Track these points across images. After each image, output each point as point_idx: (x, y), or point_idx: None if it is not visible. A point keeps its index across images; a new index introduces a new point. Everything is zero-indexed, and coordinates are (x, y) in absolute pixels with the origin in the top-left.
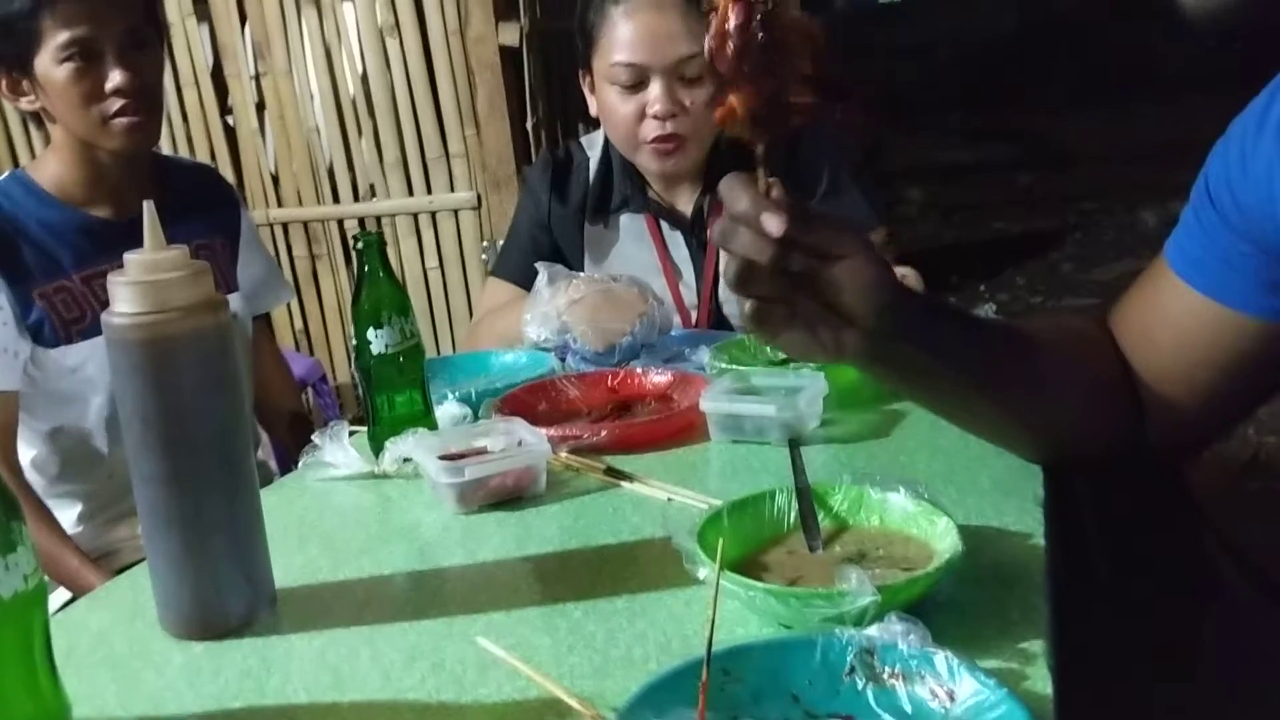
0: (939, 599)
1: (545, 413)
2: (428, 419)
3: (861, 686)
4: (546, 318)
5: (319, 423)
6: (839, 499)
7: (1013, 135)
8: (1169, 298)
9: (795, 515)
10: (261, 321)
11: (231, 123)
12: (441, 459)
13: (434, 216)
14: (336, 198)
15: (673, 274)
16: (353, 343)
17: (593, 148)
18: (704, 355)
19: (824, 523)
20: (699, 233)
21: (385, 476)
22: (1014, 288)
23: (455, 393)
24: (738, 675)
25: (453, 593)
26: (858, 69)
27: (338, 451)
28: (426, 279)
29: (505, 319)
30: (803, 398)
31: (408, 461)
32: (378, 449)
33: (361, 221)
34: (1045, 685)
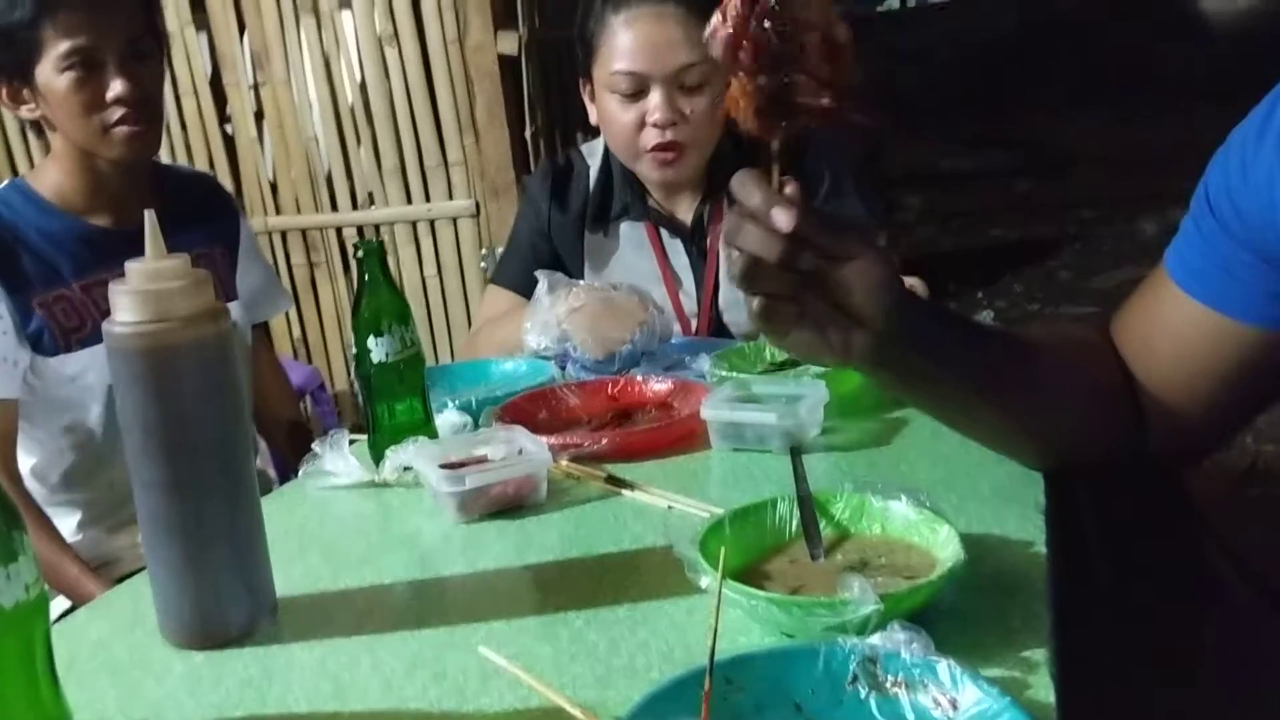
0: (941, 607)
1: (545, 421)
2: (428, 427)
3: (864, 695)
4: (546, 326)
5: (318, 431)
6: (840, 507)
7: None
8: (1169, 307)
9: (797, 524)
10: (260, 330)
11: (230, 132)
12: (442, 468)
13: (432, 225)
14: (335, 206)
15: (672, 282)
16: (352, 351)
17: (593, 156)
18: (704, 363)
19: (825, 531)
20: (699, 241)
21: (385, 485)
22: (1012, 295)
23: (455, 401)
24: (740, 684)
25: (454, 602)
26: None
27: (338, 460)
28: (425, 287)
29: (505, 327)
30: (803, 405)
31: (408, 470)
32: (378, 457)
33: (360, 230)
34: (1048, 694)
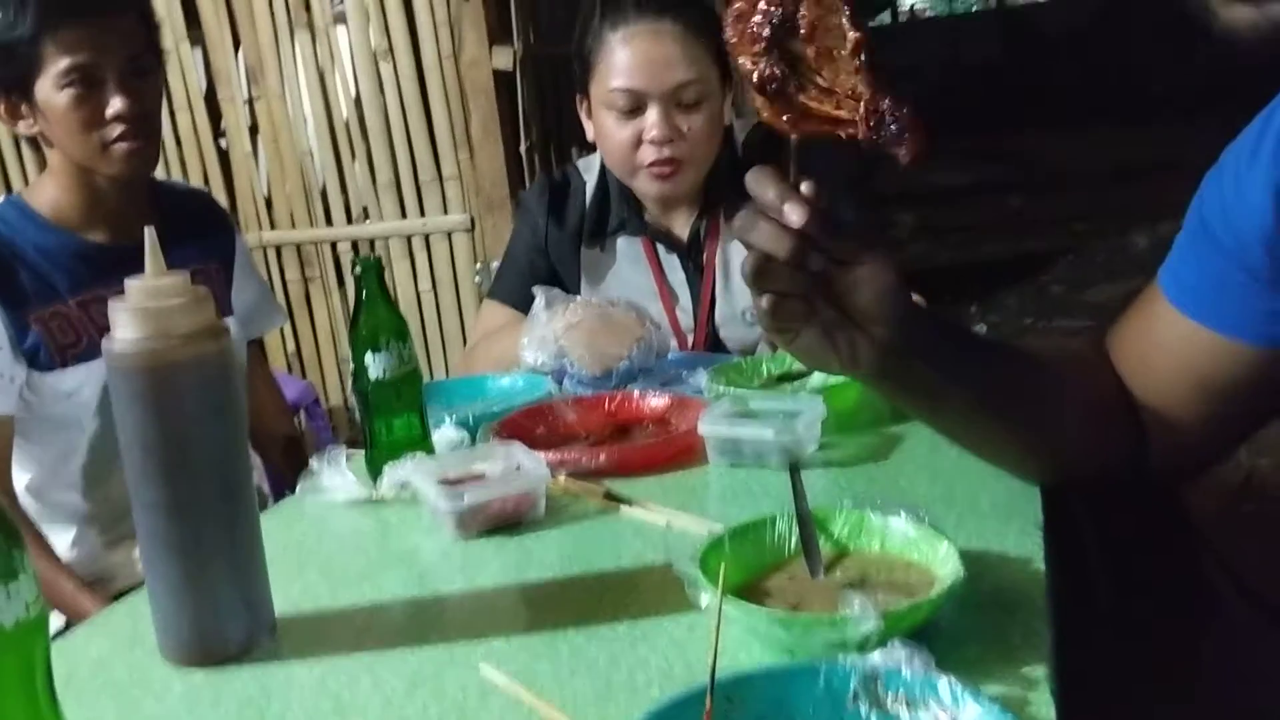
0: (941, 624)
1: (543, 436)
2: (425, 443)
3: (866, 713)
4: (544, 341)
5: (312, 446)
6: (839, 524)
7: (1003, 157)
8: (1164, 324)
9: (796, 540)
10: (255, 346)
11: (225, 146)
12: (440, 484)
13: (427, 239)
14: (329, 220)
15: (669, 297)
16: (349, 367)
17: (589, 171)
18: (701, 378)
19: (825, 548)
20: (695, 256)
21: (383, 502)
22: (1005, 309)
23: (453, 417)
24: (741, 702)
25: (453, 619)
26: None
27: (335, 476)
28: (419, 302)
29: (502, 342)
30: (801, 421)
31: (406, 487)
32: (375, 474)
33: (354, 244)
34: (1048, 710)
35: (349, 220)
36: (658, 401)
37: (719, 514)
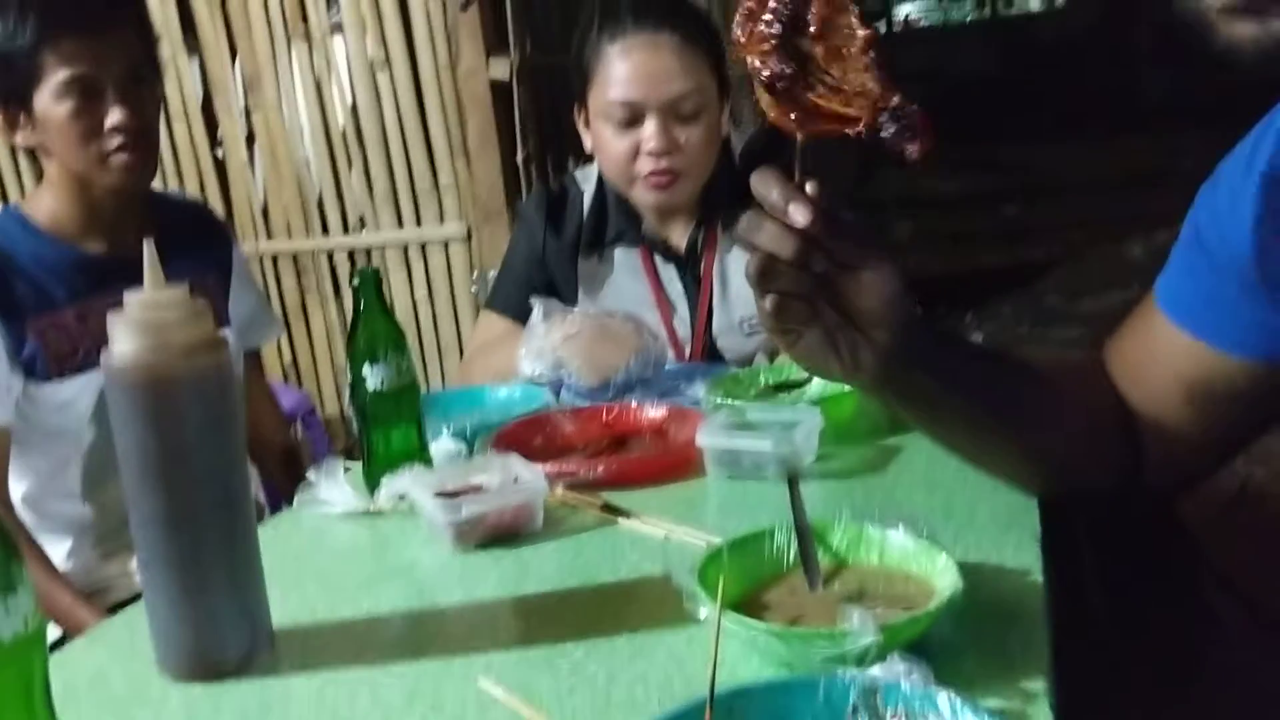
0: (939, 637)
1: (541, 447)
2: (423, 455)
3: None
4: (541, 352)
5: (308, 457)
6: (838, 536)
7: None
8: (1159, 337)
9: (795, 553)
10: (252, 357)
11: (221, 156)
12: (438, 496)
13: (424, 249)
14: (326, 230)
15: (666, 307)
16: (346, 378)
17: (587, 182)
18: (699, 389)
19: (823, 560)
20: (693, 267)
21: (381, 513)
22: (1001, 318)
23: (450, 428)
24: (741, 716)
25: (452, 632)
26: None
27: (333, 488)
28: (416, 311)
29: (499, 353)
30: (799, 432)
31: (403, 498)
32: (373, 485)
33: (351, 254)
34: None
35: (345, 230)
36: (655, 412)
37: (717, 526)
